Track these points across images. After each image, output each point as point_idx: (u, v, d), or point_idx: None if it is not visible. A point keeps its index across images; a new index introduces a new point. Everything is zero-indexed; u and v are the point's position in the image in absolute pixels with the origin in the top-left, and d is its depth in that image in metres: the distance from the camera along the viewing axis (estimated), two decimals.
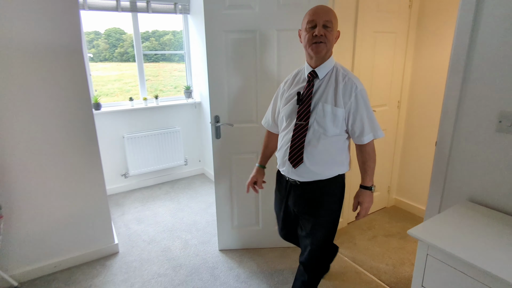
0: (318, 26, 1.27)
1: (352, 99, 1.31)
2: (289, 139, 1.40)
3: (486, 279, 1.01)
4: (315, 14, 1.28)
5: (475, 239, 1.14)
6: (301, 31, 1.37)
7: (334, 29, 1.31)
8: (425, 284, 1.21)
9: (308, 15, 1.31)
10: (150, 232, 2.61)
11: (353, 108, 1.32)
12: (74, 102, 1.98)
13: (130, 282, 2.02)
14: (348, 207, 2.62)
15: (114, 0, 3.09)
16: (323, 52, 1.31)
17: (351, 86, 1.32)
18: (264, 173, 1.71)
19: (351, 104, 1.32)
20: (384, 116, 2.62)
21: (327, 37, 1.29)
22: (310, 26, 1.29)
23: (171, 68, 3.89)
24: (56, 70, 1.89)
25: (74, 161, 2.05)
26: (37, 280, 2.05)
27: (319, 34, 1.27)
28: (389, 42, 2.43)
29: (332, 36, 1.31)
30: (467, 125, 1.40)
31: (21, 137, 1.87)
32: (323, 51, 1.31)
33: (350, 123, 1.35)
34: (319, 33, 1.27)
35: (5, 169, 1.86)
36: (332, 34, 1.30)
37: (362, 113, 1.34)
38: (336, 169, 1.42)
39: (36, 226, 2.01)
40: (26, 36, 1.77)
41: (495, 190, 1.34)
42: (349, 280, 2.02)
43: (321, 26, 1.28)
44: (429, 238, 1.15)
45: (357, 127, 1.35)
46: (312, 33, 1.29)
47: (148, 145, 3.37)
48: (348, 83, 1.32)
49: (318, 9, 1.29)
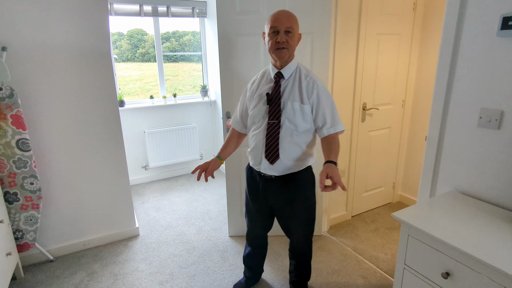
0: (280, 33, 1.37)
1: (314, 95, 1.44)
2: (262, 137, 1.49)
3: (456, 255, 1.15)
4: (277, 20, 1.37)
5: (451, 221, 1.28)
6: (264, 34, 1.46)
7: (295, 34, 1.41)
8: (407, 262, 1.36)
9: (271, 21, 1.38)
10: (167, 218, 2.85)
11: (315, 104, 1.45)
12: (103, 99, 2.24)
13: (149, 260, 2.26)
14: (355, 202, 2.76)
15: (137, 5, 3.35)
16: (285, 57, 1.42)
17: (312, 84, 1.45)
18: (219, 165, 1.65)
19: (313, 100, 1.44)
20: (389, 114, 2.73)
21: (289, 43, 1.39)
22: (273, 32, 1.38)
23: (190, 68, 4.11)
24: (88, 71, 2.14)
25: (102, 152, 2.31)
26: (69, 255, 2.32)
27: (281, 41, 1.37)
28: (393, 43, 2.54)
29: (294, 40, 1.41)
30: (453, 121, 1.52)
31: (58, 130, 2.14)
32: (286, 56, 1.42)
33: (313, 117, 1.47)
34: (281, 39, 1.37)
35: (44, 158, 2.13)
36: (293, 39, 1.41)
37: (323, 108, 1.45)
38: (306, 162, 1.54)
39: (68, 208, 2.29)
40: (66, 41, 2.03)
41: (478, 182, 1.46)
42: (349, 267, 2.17)
43: (283, 32, 1.37)
44: (410, 220, 1.30)
45: (320, 121, 1.47)
46: (275, 39, 1.38)
47: (167, 140, 3.62)
48: (310, 81, 1.45)
49: (280, 15, 1.37)
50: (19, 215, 2.05)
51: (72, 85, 2.12)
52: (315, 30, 2.08)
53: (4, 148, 1.91)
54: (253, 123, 1.55)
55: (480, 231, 1.20)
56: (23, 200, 2.03)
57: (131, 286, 2.01)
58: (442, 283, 1.21)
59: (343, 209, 2.74)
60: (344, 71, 2.36)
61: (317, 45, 2.11)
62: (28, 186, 2.02)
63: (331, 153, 1.42)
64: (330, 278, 2.06)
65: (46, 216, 2.23)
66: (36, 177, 2.03)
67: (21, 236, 2.08)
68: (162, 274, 2.11)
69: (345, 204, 2.74)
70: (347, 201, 2.73)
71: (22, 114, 1.92)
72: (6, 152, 1.92)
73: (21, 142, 1.94)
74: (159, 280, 2.06)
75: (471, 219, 1.30)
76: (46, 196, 2.18)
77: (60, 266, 2.20)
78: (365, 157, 2.71)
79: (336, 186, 1.30)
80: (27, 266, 2.21)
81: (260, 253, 1.90)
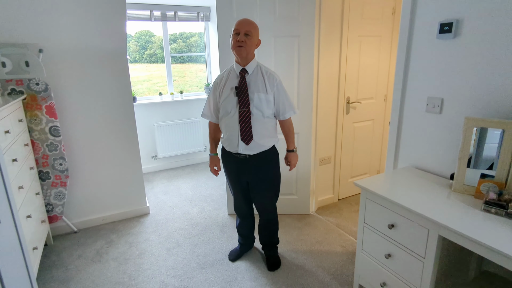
0: (240, 34, 1.73)
1: (275, 88, 1.82)
2: (236, 123, 1.82)
3: (398, 209, 1.47)
4: (239, 25, 1.74)
5: (398, 187, 1.60)
6: (231, 37, 1.80)
7: (253, 37, 1.76)
8: (366, 221, 1.68)
9: (235, 25, 1.76)
10: (174, 200, 3.21)
11: (276, 94, 1.83)
12: (119, 94, 2.60)
13: (158, 233, 2.62)
14: (341, 187, 3.08)
15: (148, 11, 3.73)
16: (243, 54, 1.76)
17: (273, 79, 1.82)
18: (218, 158, 2.09)
19: (274, 92, 1.82)
20: (372, 107, 3.05)
21: (246, 43, 1.73)
22: (235, 33, 1.75)
23: (197, 69, 4.40)
24: (107, 69, 2.51)
25: (118, 141, 2.68)
26: (90, 228, 2.70)
27: (240, 40, 1.73)
28: (374, 44, 2.86)
29: (252, 42, 1.76)
30: (408, 108, 1.84)
31: (82, 120, 2.51)
32: (244, 53, 1.75)
33: (275, 105, 1.86)
34: (240, 39, 1.73)
35: (71, 143, 2.51)
36: (251, 41, 1.75)
37: (282, 98, 1.85)
38: (273, 140, 1.94)
39: (90, 188, 2.66)
40: (91, 44, 2.40)
41: (426, 157, 1.78)
42: (331, 238, 2.49)
43: (243, 34, 1.73)
44: (367, 186, 1.63)
45: (280, 108, 1.88)
46: (236, 39, 1.75)
47: (174, 132, 3.99)
48: (271, 76, 1.83)
49: (242, 21, 1.75)
50: (50, 191, 2.43)
51: (95, 81, 2.50)
52: (301, 34, 2.42)
53: (39, 134, 2.29)
54: (226, 112, 1.86)
55: (418, 193, 1.53)
56: (54, 178, 2.41)
57: (143, 251, 2.37)
58: (388, 233, 1.54)
59: (330, 193, 3.07)
60: (329, 68, 2.68)
61: (303, 46, 2.45)
62: (58, 166, 2.40)
63: (289, 142, 1.98)
64: (313, 247, 2.39)
65: (72, 193, 2.60)
66: (65, 159, 2.41)
67: (51, 209, 2.46)
68: (170, 243, 2.47)
69: (332, 188, 3.07)
70: (334, 185, 3.06)
71: (54, 105, 2.29)
72: (41, 137, 2.30)
73: (53, 128, 2.32)
74: (166, 247, 2.42)
75: (415, 185, 1.62)
76: (72, 176, 2.56)
77: (83, 236, 2.58)
78: (350, 146, 3.03)
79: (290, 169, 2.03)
80: (55, 235, 2.59)
81: (248, 223, 2.24)
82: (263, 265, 2.19)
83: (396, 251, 1.51)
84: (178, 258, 2.29)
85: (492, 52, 1.43)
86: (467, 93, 1.55)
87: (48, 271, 2.16)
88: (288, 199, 2.82)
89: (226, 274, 2.11)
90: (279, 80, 1.86)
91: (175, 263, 2.22)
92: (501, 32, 1.38)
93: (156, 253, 2.34)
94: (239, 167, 1.97)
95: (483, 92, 1.49)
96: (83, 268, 2.19)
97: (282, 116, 1.91)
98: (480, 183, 1.41)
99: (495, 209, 1.29)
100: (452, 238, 1.25)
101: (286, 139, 1.99)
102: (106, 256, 2.32)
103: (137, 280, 2.07)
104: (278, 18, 2.41)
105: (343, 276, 2.06)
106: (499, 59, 1.41)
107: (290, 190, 2.80)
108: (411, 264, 1.45)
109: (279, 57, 2.49)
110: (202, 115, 2.04)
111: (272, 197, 2.07)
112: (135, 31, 4.04)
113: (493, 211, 1.30)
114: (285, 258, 2.26)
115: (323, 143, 2.85)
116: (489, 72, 1.45)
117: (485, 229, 1.20)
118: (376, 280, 1.67)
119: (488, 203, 1.32)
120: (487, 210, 1.31)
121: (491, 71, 1.45)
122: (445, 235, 1.27)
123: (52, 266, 2.22)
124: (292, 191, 2.80)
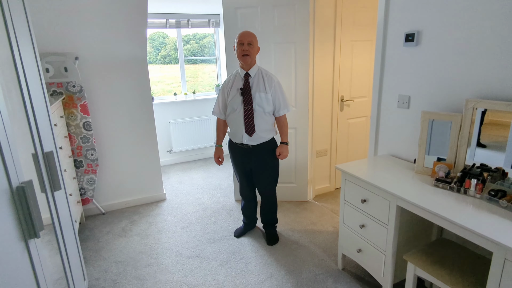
0: (244, 44, 2.10)
1: (273, 88, 2.16)
2: (241, 118, 2.18)
3: (369, 187, 1.80)
4: (242, 36, 2.11)
5: (372, 170, 1.93)
6: (235, 47, 2.17)
7: (254, 46, 2.13)
8: (345, 198, 2.02)
9: (238, 37, 2.12)
10: (188, 189, 3.61)
11: (273, 93, 2.16)
12: (140, 96, 3.01)
13: (173, 215, 3.01)
14: (337, 177, 3.40)
15: (164, 19, 4.14)
16: (248, 61, 2.14)
17: (271, 80, 2.17)
18: (222, 150, 2.45)
19: (272, 91, 2.16)
20: (365, 105, 3.36)
21: (250, 51, 2.11)
22: (240, 44, 2.11)
23: (210, 70, 4.73)
24: (131, 72, 2.92)
25: (139, 135, 3.09)
26: (115, 211, 3.12)
27: (245, 49, 2.10)
28: (365, 48, 3.17)
29: (254, 50, 2.13)
30: (384, 104, 2.16)
31: (110, 117, 2.94)
32: (249, 60, 2.13)
33: (272, 103, 2.19)
34: (245, 48, 2.10)
35: (101, 137, 2.94)
36: (253, 49, 2.13)
37: (278, 97, 2.18)
38: (272, 134, 2.30)
39: (115, 175, 3.09)
40: (118, 50, 2.82)
41: (398, 146, 2.10)
42: (325, 220, 2.83)
43: (246, 44, 2.10)
44: (346, 169, 1.96)
45: (276, 106, 2.21)
46: (241, 49, 2.11)
47: (187, 129, 4.40)
48: (269, 78, 2.17)
49: (244, 33, 2.11)
50: (83, 177, 2.86)
51: (120, 83, 2.91)
52: (297, 40, 2.76)
53: (75, 128, 2.73)
54: (233, 109, 2.23)
55: (387, 174, 1.85)
56: (86, 166, 2.84)
57: (162, 229, 2.77)
58: (362, 207, 1.87)
59: (327, 182, 3.39)
60: (324, 70, 3.01)
61: (299, 51, 2.79)
62: (90, 156, 2.83)
63: (283, 135, 2.31)
64: (308, 227, 2.73)
65: (100, 180, 3.03)
66: (95, 149, 2.84)
67: (83, 193, 2.89)
68: (184, 223, 2.86)
69: (329, 178, 3.39)
70: (330, 175, 3.38)
71: (87, 104, 2.72)
72: (76, 131, 2.73)
73: (86, 124, 2.75)
74: (181, 226, 2.81)
75: (386, 168, 1.95)
76: (100, 164, 2.99)
77: (110, 217, 3.01)
78: (345, 140, 3.35)
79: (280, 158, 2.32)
80: (87, 216, 3.02)
81: (251, 204, 2.60)
82: (264, 241, 2.55)
83: (368, 222, 1.84)
84: (191, 234, 2.67)
85: (445, 57, 1.74)
86: (427, 91, 1.86)
87: (83, 243, 2.58)
88: (287, 187, 3.16)
89: (231, 247, 2.48)
90: (277, 81, 2.21)
91: (189, 238, 2.61)
92: (452, 41, 1.69)
93: (172, 230, 2.74)
94: (243, 156, 2.34)
95: (438, 90, 1.80)
96: (111, 241, 2.61)
97: (277, 113, 2.25)
98: (435, 164, 1.73)
99: (442, 184, 1.61)
100: (406, 207, 1.57)
101: (280, 132, 2.34)
102: (130, 232, 2.73)
103: (157, 250, 2.46)
104: (277, 27, 2.76)
105: (331, 249, 2.40)
106: (450, 63, 1.72)
107: (290, 179, 3.14)
108: (378, 231, 1.78)
109: (278, 61, 2.84)
110: (213, 112, 2.41)
111: (272, 182, 2.42)
112: (149, 33, 4.35)
113: (441, 186, 1.61)
114: (282, 236, 2.61)
115: (319, 137, 3.18)
116: (443, 73, 1.76)
117: (432, 199, 1.52)
118: (354, 248, 2.00)
119: (438, 180, 1.63)
120: (436, 185, 1.63)
121: (444, 72, 1.76)
122: (401, 205, 1.60)
123: (86, 239, 2.64)
124: (291, 180, 3.14)
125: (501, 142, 1.50)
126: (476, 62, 1.60)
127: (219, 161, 2.48)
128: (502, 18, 1.47)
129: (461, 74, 1.68)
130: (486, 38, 1.55)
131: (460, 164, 1.66)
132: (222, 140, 2.48)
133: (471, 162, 1.63)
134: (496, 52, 1.51)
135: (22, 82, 1.22)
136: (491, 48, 1.53)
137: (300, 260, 2.29)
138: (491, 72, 1.55)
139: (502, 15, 1.47)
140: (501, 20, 1.48)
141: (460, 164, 1.67)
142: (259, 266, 2.24)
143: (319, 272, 2.16)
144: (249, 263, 2.28)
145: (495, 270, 1.21)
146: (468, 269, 1.46)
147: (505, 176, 1.47)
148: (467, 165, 1.63)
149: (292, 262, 2.27)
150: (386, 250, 1.75)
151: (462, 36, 1.64)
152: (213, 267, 2.24)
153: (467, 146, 1.63)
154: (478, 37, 1.57)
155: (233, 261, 2.30)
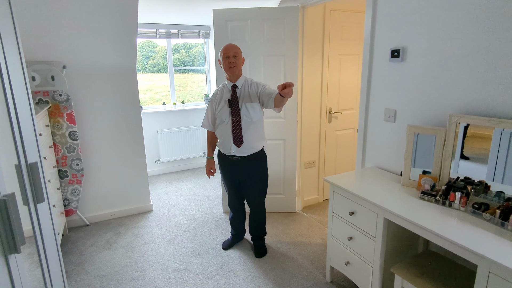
0: (230, 57, 2.12)
1: (258, 89, 2.17)
2: (229, 129, 2.18)
3: (357, 199, 1.82)
4: (227, 50, 2.13)
5: (359, 182, 1.95)
6: (220, 61, 2.18)
7: (239, 57, 2.16)
8: (334, 210, 2.03)
9: (223, 51, 2.13)
10: (175, 200, 3.56)
11: (260, 90, 2.15)
12: (128, 105, 2.99)
13: (160, 226, 2.96)
14: (325, 188, 3.42)
15: (154, 29, 4.15)
16: (235, 72, 2.16)
17: (257, 86, 2.18)
18: (214, 161, 2.45)
19: (259, 91, 2.15)
20: (353, 117, 3.42)
21: (236, 63, 2.13)
22: (225, 57, 2.13)
23: (199, 79, 4.75)
24: (119, 82, 2.90)
25: (127, 145, 3.05)
26: (100, 222, 3.04)
27: (231, 62, 2.12)
28: (352, 61, 3.25)
29: (239, 61, 2.16)
30: (371, 117, 2.21)
31: (97, 126, 2.89)
32: (236, 71, 2.15)
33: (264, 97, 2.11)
34: (231, 61, 2.12)
35: (87, 147, 2.88)
36: (239, 60, 2.15)
37: (264, 89, 2.15)
38: (261, 143, 2.29)
39: (101, 186, 3.02)
40: (106, 60, 2.80)
41: (385, 159, 2.14)
42: (313, 232, 2.83)
43: (232, 56, 2.12)
44: (334, 181, 1.97)
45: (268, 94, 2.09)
46: (227, 61, 2.13)
47: (176, 139, 4.36)
48: (254, 84, 2.20)
49: (229, 46, 2.13)
50: (67, 188, 2.78)
51: (108, 92, 2.88)
52: (286, 54, 2.81)
53: (60, 138, 2.67)
54: (221, 121, 2.23)
55: (374, 186, 1.88)
56: (71, 176, 2.77)
57: (148, 241, 2.71)
58: (349, 219, 1.89)
59: (315, 193, 3.41)
60: (312, 83, 3.06)
61: (288, 64, 2.84)
62: (75, 166, 2.76)
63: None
64: (296, 239, 2.72)
65: (85, 190, 2.96)
66: (81, 159, 2.77)
67: (67, 204, 2.81)
68: (171, 235, 2.81)
69: (317, 190, 3.41)
70: (318, 187, 3.40)
71: (74, 113, 2.67)
72: (61, 140, 2.67)
73: (72, 133, 2.69)
74: (168, 238, 2.76)
75: (373, 180, 1.98)
76: (86, 175, 2.92)
77: (94, 228, 2.92)
78: (333, 151, 3.39)
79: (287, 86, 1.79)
80: (70, 228, 2.93)
81: (239, 216, 2.58)
82: (252, 253, 2.52)
83: (356, 234, 1.85)
84: (178, 247, 2.62)
85: (429, 73, 1.80)
86: (412, 105, 1.91)
87: (65, 256, 2.49)
88: (276, 198, 3.16)
89: (219, 259, 2.44)
90: (263, 85, 2.22)
91: (175, 251, 2.56)
92: (436, 58, 1.76)
93: (159, 243, 2.68)
94: (232, 167, 2.33)
95: (423, 104, 1.85)
96: (95, 254, 2.53)
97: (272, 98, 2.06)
98: (420, 177, 1.76)
99: (427, 197, 1.64)
100: (393, 219, 1.59)
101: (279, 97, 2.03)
102: (115, 244, 2.66)
103: (142, 264, 2.40)
104: (267, 40, 2.80)
105: (319, 262, 2.39)
106: (434, 79, 1.78)
107: (278, 190, 3.14)
108: (366, 243, 1.79)
109: (267, 73, 2.87)
110: (202, 125, 2.41)
111: (261, 194, 2.42)
112: (139, 41, 4.33)
113: (426, 199, 1.65)
114: (270, 248, 2.59)
115: (307, 148, 3.21)
116: (427, 88, 1.82)
117: (418, 212, 1.54)
118: (342, 260, 2.00)
119: (424, 193, 1.67)
120: (422, 198, 1.66)
121: (428, 87, 1.81)
122: (388, 217, 1.62)
123: (69, 252, 2.56)
124: (280, 191, 3.14)
125: (483, 154, 1.55)
126: (459, 78, 1.66)
127: (211, 172, 2.47)
128: (483, 37, 1.54)
129: (445, 89, 1.74)
130: (468, 56, 1.61)
131: (445, 177, 1.70)
132: (213, 152, 2.48)
133: (455, 174, 1.67)
134: (479, 69, 1.58)
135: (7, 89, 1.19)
136: (473, 65, 1.60)
137: (288, 273, 2.27)
138: (473, 87, 1.61)
139: (483, 34, 1.54)
140: (482, 39, 1.55)
141: (444, 177, 1.71)
142: (247, 279, 2.21)
143: (308, 285, 2.15)
144: (237, 276, 2.24)
145: (480, 283, 1.23)
146: (453, 282, 1.48)
147: (488, 189, 1.52)
148: (452, 178, 1.67)
149: (281, 275, 2.25)
150: (373, 263, 1.76)
151: (445, 53, 1.71)
152: (200, 281, 2.20)
153: (451, 159, 1.68)
154: (460, 54, 1.64)
155: (221, 274, 2.27)
